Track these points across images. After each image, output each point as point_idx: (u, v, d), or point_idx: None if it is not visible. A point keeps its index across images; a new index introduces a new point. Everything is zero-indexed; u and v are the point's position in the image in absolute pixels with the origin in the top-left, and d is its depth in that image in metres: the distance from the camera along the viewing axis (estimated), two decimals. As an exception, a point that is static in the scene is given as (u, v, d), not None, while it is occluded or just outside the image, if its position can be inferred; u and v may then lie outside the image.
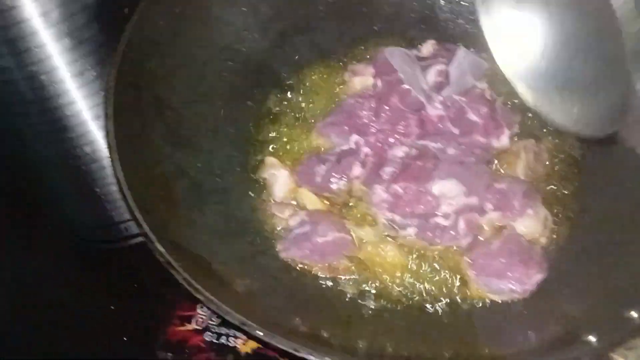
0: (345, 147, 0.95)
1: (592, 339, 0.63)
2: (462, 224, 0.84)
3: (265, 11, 1.01)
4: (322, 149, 0.97)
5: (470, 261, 0.84)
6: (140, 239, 1.09)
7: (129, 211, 0.73)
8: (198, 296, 0.68)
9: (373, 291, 0.84)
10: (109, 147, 0.77)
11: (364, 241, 0.87)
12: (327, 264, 0.86)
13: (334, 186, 0.91)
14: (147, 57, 0.86)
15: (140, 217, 0.72)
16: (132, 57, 0.83)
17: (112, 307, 1.06)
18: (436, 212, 0.86)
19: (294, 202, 0.92)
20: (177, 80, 0.91)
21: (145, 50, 0.86)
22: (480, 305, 0.81)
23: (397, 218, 0.87)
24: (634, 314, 0.64)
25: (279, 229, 0.90)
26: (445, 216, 0.85)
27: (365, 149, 0.93)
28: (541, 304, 0.79)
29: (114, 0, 0.91)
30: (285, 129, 1.00)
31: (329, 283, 0.85)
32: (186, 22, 0.92)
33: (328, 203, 0.92)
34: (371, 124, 0.95)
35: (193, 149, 0.90)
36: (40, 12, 0.84)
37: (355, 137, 0.94)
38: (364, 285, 0.84)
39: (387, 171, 0.90)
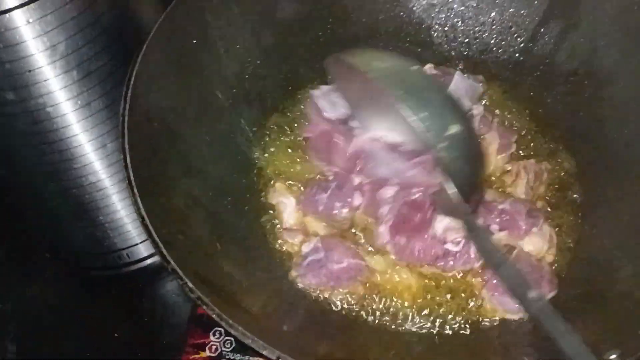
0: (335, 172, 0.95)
1: (612, 356, 0.66)
2: (472, 248, 0.86)
3: (266, 40, 1.02)
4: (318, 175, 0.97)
5: (483, 282, 0.86)
6: (141, 264, 1.09)
7: (154, 247, 0.73)
8: (232, 331, 0.68)
9: (389, 316, 0.86)
10: (129, 183, 0.76)
11: (377, 268, 0.89)
12: (343, 290, 0.87)
13: (337, 213, 0.92)
14: (155, 88, 0.86)
15: (166, 253, 0.72)
16: (141, 88, 0.83)
17: (116, 335, 1.05)
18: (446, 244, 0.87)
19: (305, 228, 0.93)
20: (184, 110, 0.91)
21: (153, 81, 0.85)
22: (495, 324, 0.84)
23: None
24: (612, 357, 0.66)
25: (292, 254, 0.91)
26: (455, 243, 0.87)
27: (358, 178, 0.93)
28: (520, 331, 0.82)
29: (122, 32, 0.90)
30: (288, 153, 1.00)
31: (346, 308, 0.87)
32: (192, 52, 0.92)
33: (336, 231, 0.93)
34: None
35: (204, 178, 0.90)
36: (47, 45, 0.83)
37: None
38: (380, 310, 0.86)
39: (383, 212, 0.89)
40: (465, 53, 1.07)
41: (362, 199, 0.91)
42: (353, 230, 0.92)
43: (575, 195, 0.93)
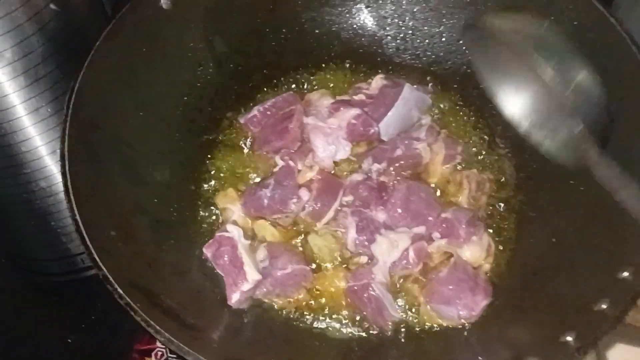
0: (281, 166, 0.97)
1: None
2: (412, 253, 0.87)
3: (219, 48, 1.03)
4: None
5: (421, 288, 0.87)
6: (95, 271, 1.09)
7: (87, 253, 0.74)
8: (158, 337, 0.69)
9: (329, 321, 0.87)
10: (66, 188, 0.77)
11: (322, 270, 0.90)
12: (288, 298, 0.88)
13: (281, 208, 0.93)
14: (102, 95, 0.87)
15: (98, 257, 0.73)
16: (87, 95, 0.84)
17: (69, 340, 1.06)
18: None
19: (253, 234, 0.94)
20: (133, 117, 0.92)
21: (100, 89, 0.86)
22: (433, 330, 0.85)
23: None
24: (569, 338, 0.68)
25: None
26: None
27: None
28: (483, 328, 0.83)
29: (70, 38, 0.91)
30: (238, 160, 1.01)
31: (286, 313, 0.88)
32: (142, 60, 0.93)
33: (285, 231, 0.93)
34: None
35: (150, 185, 0.91)
36: (-5, 52, 0.84)
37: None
38: (322, 315, 0.87)
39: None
40: (416, 64, 1.08)
41: (310, 194, 0.93)
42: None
43: (515, 206, 0.94)
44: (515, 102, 0.84)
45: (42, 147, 0.94)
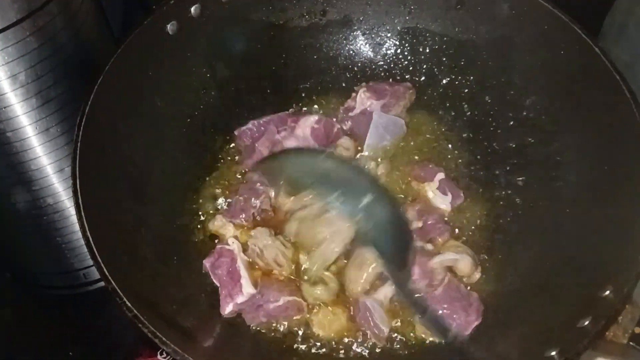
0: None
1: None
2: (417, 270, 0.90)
3: (221, 72, 1.07)
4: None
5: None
6: (98, 285, 1.12)
7: (96, 268, 0.76)
8: (164, 348, 0.72)
9: (324, 344, 0.89)
10: (77, 206, 0.80)
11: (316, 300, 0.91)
12: (280, 327, 0.90)
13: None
14: (110, 117, 0.90)
15: (107, 272, 0.76)
16: (96, 118, 0.87)
17: (71, 354, 1.07)
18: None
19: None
20: (139, 138, 0.95)
21: (108, 111, 0.89)
22: (425, 344, 0.88)
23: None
24: (553, 353, 0.71)
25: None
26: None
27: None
28: (471, 344, 0.85)
29: (81, 61, 0.95)
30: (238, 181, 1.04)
31: (280, 334, 0.90)
32: (148, 83, 0.96)
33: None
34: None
35: (154, 203, 0.94)
36: (8, 75, 0.86)
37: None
38: (314, 338, 0.89)
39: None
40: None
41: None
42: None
43: (502, 228, 0.97)
44: None
45: (49, 166, 0.97)
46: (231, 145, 1.07)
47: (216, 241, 0.97)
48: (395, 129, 1.05)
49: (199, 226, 0.99)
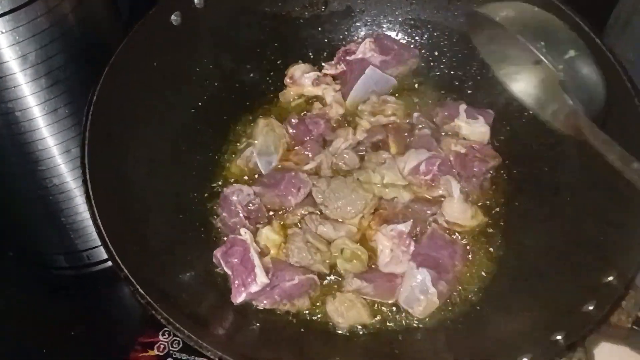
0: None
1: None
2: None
3: (225, 63, 1.06)
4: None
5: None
6: (102, 266, 1.10)
7: (109, 256, 0.75)
8: (178, 334, 0.71)
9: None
10: (87, 195, 0.79)
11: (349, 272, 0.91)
12: (293, 305, 0.89)
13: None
14: (117, 105, 0.89)
15: (119, 260, 0.75)
16: (104, 105, 0.85)
17: (73, 333, 1.06)
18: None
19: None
20: (145, 127, 0.94)
21: (115, 99, 0.88)
22: (424, 327, 0.87)
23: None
24: (559, 337, 0.71)
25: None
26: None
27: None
28: (478, 327, 0.85)
29: (90, 44, 0.92)
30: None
31: (293, 314, 0.89)
32: (154, 73, 0.95)
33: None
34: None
35: (161, 192, 0.92)
36: (18, 54, 0.84)
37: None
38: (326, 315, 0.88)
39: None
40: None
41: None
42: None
43: (506, 215, 0.97)
44: (516, 80, 0.90)
45: (56, 147, 0.95)
46: (236, 137, 1.06)
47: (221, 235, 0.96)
48: (384, 86, 1.05)
49: (207, 216, 0.98)
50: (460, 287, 0.90)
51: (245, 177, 1.01)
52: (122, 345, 1.00)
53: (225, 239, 0.93)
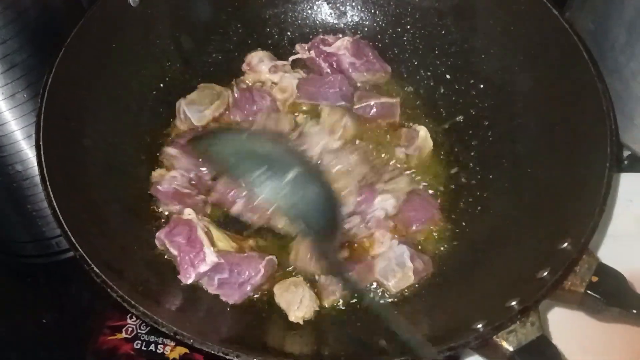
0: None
1: (479, 326, 0.69)
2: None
3: (185, 44, 1.03)
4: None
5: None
6: (71, 254, 1.08)
7: (64, 237, 0.74)
8: (133, 311, 0.70)
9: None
10: (42, 176, 0.77)
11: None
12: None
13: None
14: (75, 88, 0.87)
15: (74, 240, 0.73)
16: (60, 87, 0.84)
17: (44, 321, 1.05)
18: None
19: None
20: (104, 109, 0.92)
21: (73, 81, 0.86)
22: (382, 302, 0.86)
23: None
24: (513, 303, 0.70)
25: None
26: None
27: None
28: (436, 299, 0.84)
29: (46, 27, 0.91)
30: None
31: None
32: (112, 55, 0.93)
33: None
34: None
35: (121, 174, 0.91)
36: (-28, 38, 0.83)
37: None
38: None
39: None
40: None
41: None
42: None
43: (463, 188, 0.96)
44: None
45: (17, 132, 0.93)
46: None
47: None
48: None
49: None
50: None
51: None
52: (91, 330, 0.99)
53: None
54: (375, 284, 0.88)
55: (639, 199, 0.99)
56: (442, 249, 0.90)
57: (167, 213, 0.92)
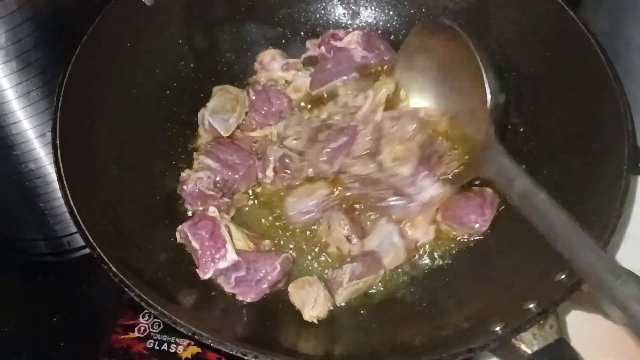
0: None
1: (497, 328, 0.69)
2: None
3: (199, 43, 1.03)
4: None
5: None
6: (82, 252, 1.08)
7: (81, 236, 0.74)
8: (152, 311, 0.69)
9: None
10: (59, 175, 0.77)
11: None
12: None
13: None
14: (90, 87, 0.87)
15: (91, 239, 0.73)
16: (76, 86, 0.84)
17: (55, 319, 1.05)
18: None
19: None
20: (118, 108, 0.92)
21: (88, 80, 0.86)
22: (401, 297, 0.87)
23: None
24: (531, 305, 0.70)
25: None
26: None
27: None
28: (452, 299, 0.84)
29: (60, 25, 0.90)
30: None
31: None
32: (126, 54, 0.93)
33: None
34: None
35: (136, 173, 0.91)
36: (-12, 36, 0.83)
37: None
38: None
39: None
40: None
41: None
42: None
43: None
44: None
45: (30, 131, 0.93)
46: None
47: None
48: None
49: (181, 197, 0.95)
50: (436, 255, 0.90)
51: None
52: (103, 329, 0.98)
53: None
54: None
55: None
56: (457, 249, 0.90)
57: (189, 213, 0.92)
